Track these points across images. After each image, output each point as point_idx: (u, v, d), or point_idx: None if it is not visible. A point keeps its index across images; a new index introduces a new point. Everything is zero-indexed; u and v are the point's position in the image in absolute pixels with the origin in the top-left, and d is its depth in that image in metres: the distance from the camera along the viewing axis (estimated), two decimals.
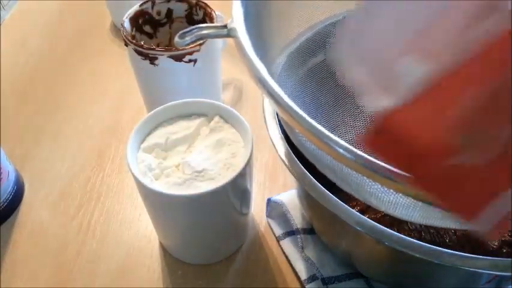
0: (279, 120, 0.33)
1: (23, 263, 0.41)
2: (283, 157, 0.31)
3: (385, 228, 0.27)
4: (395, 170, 0.19)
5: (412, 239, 0.27)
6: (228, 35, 0.27)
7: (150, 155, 0.35)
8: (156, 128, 0.37)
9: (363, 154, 0.21)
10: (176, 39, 0.28)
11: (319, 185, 0.29)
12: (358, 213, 0.28)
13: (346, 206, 0.28)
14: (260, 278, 0.39)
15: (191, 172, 0.33)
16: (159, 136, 0.36)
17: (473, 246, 0.34)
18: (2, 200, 0.42)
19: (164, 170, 0.34)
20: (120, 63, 0.58)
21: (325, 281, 0.37)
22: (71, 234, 0.42)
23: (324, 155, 0.27)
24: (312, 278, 0.38)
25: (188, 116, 0.38)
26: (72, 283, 0.39)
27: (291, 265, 0.40)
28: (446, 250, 0.26)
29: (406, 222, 0.35)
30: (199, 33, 0.28)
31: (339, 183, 0.28)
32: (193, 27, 0.28)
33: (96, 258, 0.41)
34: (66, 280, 0.39)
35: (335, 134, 0.22)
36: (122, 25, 0.45)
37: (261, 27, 0.31)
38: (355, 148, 0.21)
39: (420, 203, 0.24)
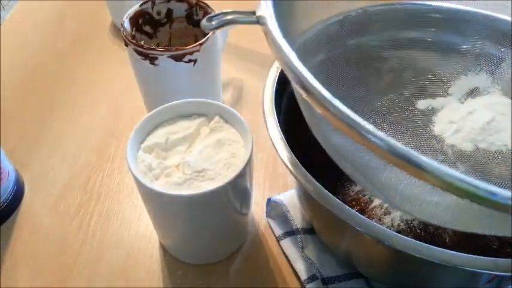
0: (278, 119, 0.33)
1: (23, 263, 0.41)
2: (283, 157, 0.31)
3: (385, 228, 0.27)
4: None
5: (412, 239, 0.27)
6: (257, 22, 0.27)
7: (150, 155, 0.35)
8: (156, 128, 0.37)
9: (398, 144, 0.20)
10: (203, 22, 0.28)
11: (319, 185, 0.29)
12: (358, 213, 0.28)
13: (346, 206, 0.28)
14: (260, 278, 0.39)
15: (191, 172, 0.34)
16: (159, 136, 0.36)
17: (473, 246, 0.34)
18: (2, 200, 0.42)
19: (164, 170, 0.34)
20: (120, 63, 0.58)
21: (325, 281, 0.37)
22: (71, 234, 0.42)
23: (343, 145, 0.26)
24: (311, 278, 0.38)
25: (188, 116, 0.38)
26: (72, 283, 0.39)
27: (291, 265, 0.40)
28: (446, 250, 0.26)
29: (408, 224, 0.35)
30: (225, 18, 0.28)
31: (353, 175, 0.28)
32: (221, 11, 0.28)
33: (96, 258, 0.41)
34: (66, 280, 0.39)
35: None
36: (122, 25, 0.45)
37: (287, 13, 0.30)
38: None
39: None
